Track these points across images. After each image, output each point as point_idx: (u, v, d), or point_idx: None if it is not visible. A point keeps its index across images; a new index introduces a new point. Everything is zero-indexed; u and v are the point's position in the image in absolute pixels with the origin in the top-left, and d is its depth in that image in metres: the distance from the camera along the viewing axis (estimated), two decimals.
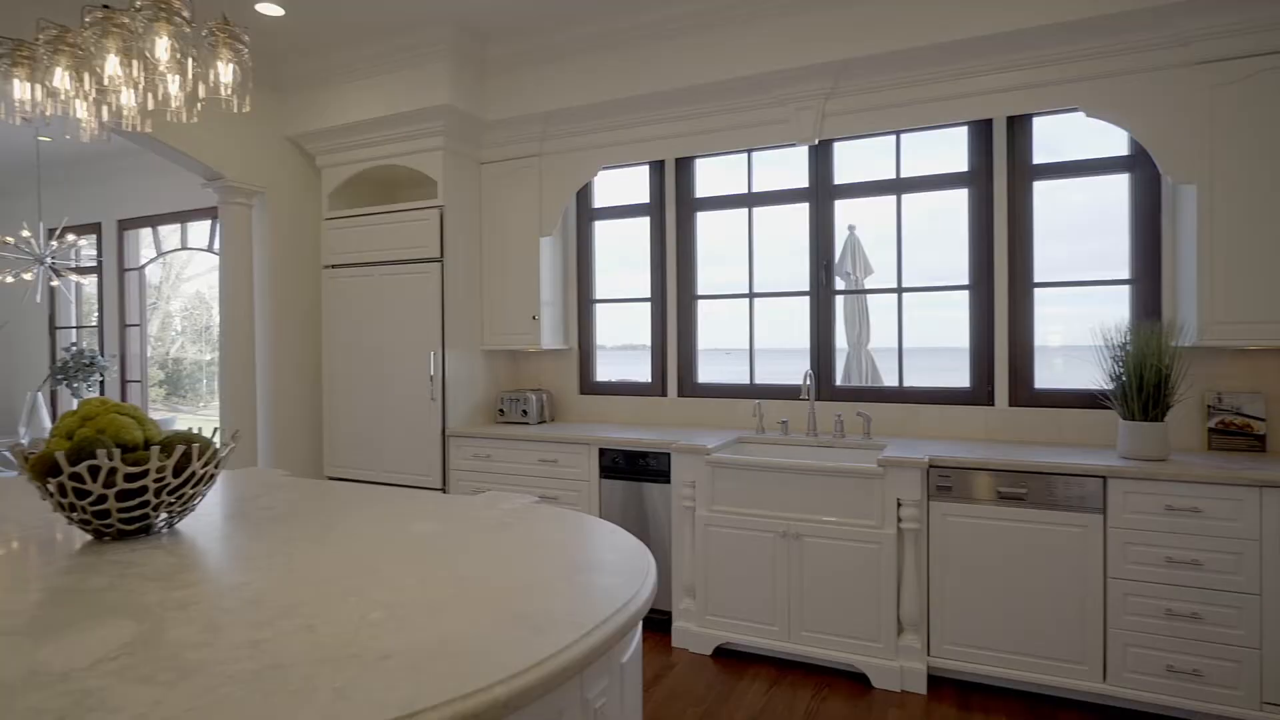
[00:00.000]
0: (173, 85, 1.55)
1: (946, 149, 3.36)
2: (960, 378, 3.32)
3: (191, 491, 1.61)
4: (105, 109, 1.65)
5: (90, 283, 6.65)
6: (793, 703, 2.64)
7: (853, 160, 3.57)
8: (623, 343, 4.22)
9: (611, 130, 3.75)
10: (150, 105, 1.58)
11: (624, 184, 4.12)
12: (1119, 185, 3.05)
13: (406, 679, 0.90)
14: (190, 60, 1.50)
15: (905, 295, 3.45)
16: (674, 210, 3.90)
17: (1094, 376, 2.87)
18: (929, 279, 3.41)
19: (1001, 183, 3.19)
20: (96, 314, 6.72)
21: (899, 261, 3.44)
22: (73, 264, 5.56)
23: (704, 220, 3.90)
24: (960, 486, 2.69)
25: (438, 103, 3.65)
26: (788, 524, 2.86)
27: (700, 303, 3.90)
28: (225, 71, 1.56)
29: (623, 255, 4.16)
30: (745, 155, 3.77)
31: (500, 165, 4.02)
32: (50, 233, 5.65)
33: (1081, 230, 3.14)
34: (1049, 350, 3.21)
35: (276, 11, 3.39)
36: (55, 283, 5.32)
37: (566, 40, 3.66)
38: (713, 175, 3.89)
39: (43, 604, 1.18)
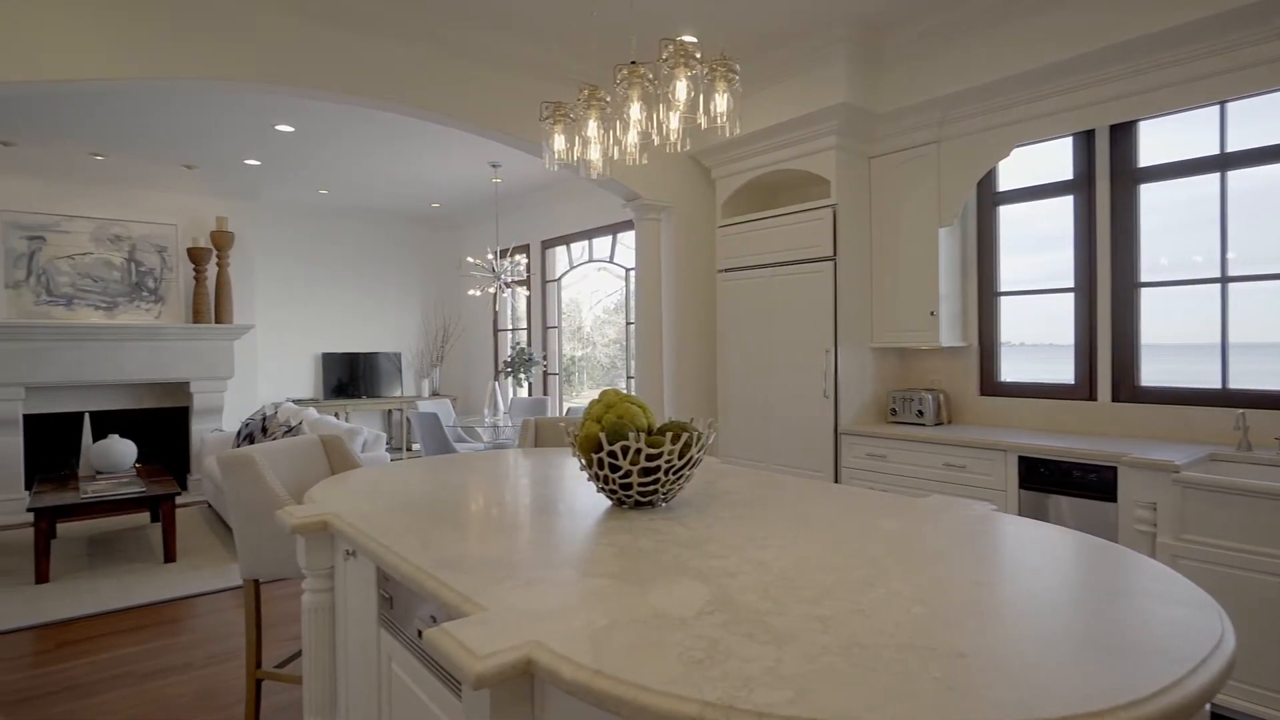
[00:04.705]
0: (674, 120, 1.82)
1: None
2: None
3: (688, 473, 1.85)
4: (616, 149, 2.01)
5: (523, 293, 8.19)
6: None
7: None
8: (1029, 339, 3.78)
9: (1025, 104, 3.38)
10: (655, 141, 1.88)
11: (1033, 162, 3.68)
12: None
13: (999, 681, 0.90)
14: (700, 96, 1.74)
15: None
16: (1108, 184, 3.36)
17: None
18: None
19: None
20: (525, 318, 8.27)
21: None
22: (512, 279, 6.90)
23: (1148, 193, 3.29)
24: None
25: (833, 102, 3.68)
26: None
27: (1143, 291, 3.30)
28: (721, 101, 1.78)
29: (1028, 241, 3.73)
30: (1214, 110, 3.08)
31: (891, 157, 3.91)
32: (500, 254, 7.09)
33: None
34: None
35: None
36: (505, 294, 6.66)
37: (965, 16, 3.40)
38: (1159, 139, 3.26)
39: (618, 558, 1.44)
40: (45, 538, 4.16)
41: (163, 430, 6.84)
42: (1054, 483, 3.00)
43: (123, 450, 5.28)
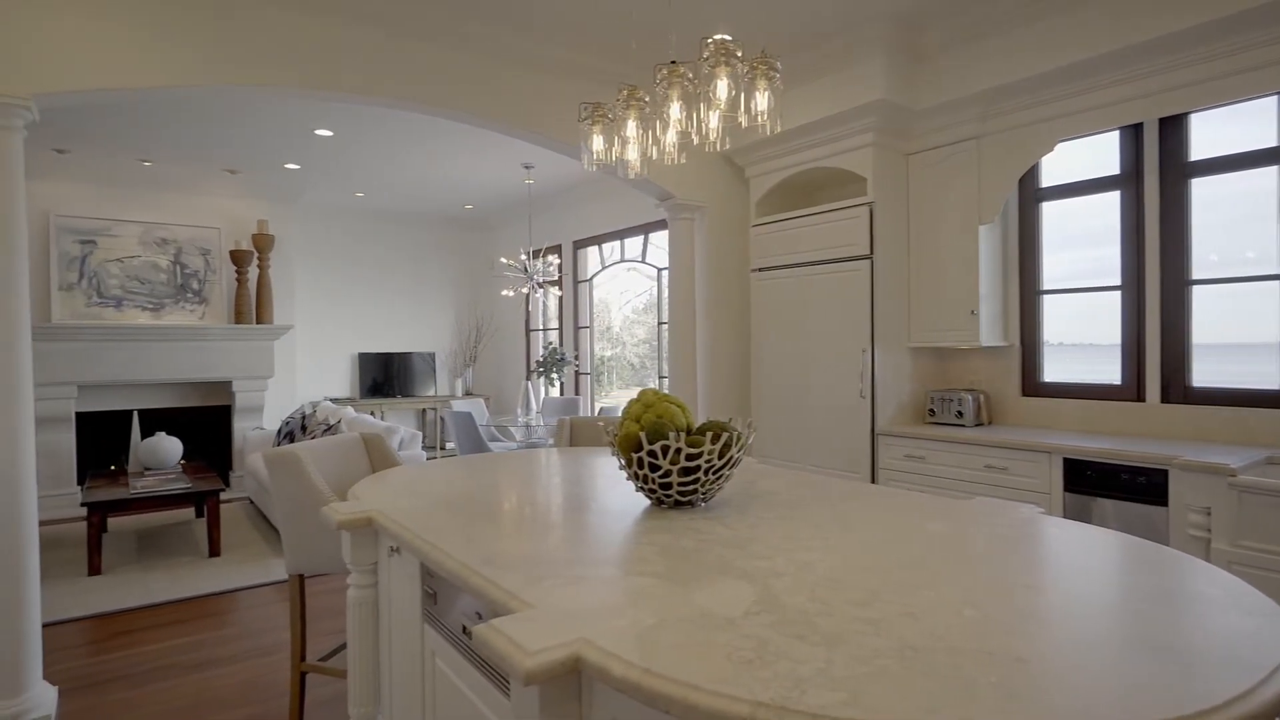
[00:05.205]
0: (713, 119, 1.82)
1: None
2: None
3: (728, 473, 1.85)
4: (654, 149, 2.02)
5: (555, 293, 8.24)
6: None
7: None
8: (1072, 338, 3.69)
9: (1070, 98, 3.30)
10: (695, 140, 1.88)
11: (1078, 157, 3.59)
12: None
13: (1059, 687, 0.87)
14: (742, 95, 1.74)
15: None
16: (1157, 179, 3.26)
17: None
18: None
19: None
20: (557, 318, 8.32)
21: None
22: (544, 279, 6.93)
23: (1199, 187, 3.18)
24: None
25: (870, 99, 3.63)
26: None
27: (1194, 288, 3.20)
28: (762, 100, 1.77)
29: (1071, 238, 3.64)
30: (1271, 100, 2.97)
31: (930, 154, 3.84)
32: (532, 254, 7.15)
33: None
34: None
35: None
36: (537, 294, 6.70)
37: (1007, 8, 3.33)
38: (1211, 132, 3.16)
39: (661, 557, 1.44)
40: (98, 532, 4.30)
41: (206, 428, 7.02)
42: (1100, 486, 2.92)
43: (169, 448, 5.44)
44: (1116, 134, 3.40)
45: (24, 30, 2.58)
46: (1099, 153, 3.50)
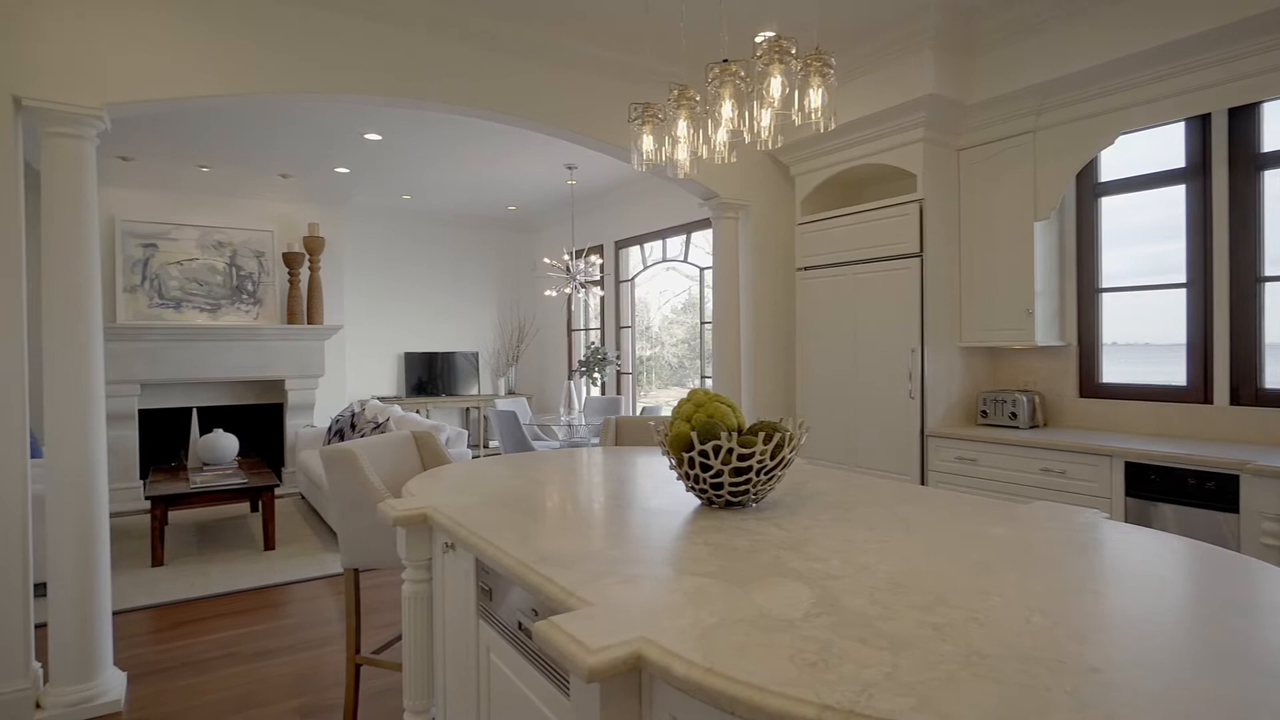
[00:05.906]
0: (765, 117, 1.81)
1: None
2: None
3: (780, 474, 1.83)
4: (704, 148, 2.02)
5: (598, 293, 8.28)
6: None
7: None
8: (1127, 338, 3.56)
9: (1132, 89, 3.19)
10: (746, 139, 1.87)
11: (1139, 150, 3.46)
12: None
13: (1139, 699, 0.84)
14: (796, 92, 1.73)
15: None
16: (1225, 171, 3.13)
17: None
18: None
19: None
20: (599, 318, 8.36)
21: None
22: (586, 279, 6.97)
23: (1273, 180, 3.04)
24: None
25: (921, 94, 3.56)
26: None
27: (1267, 285, 3.06)
28: (816, 97, 1.76)
29: (1131, 234, 3.51)
30: None
31: (982, 149, 3.75)
32: (575, 254, 7.20)
33: None
34: None
35: (768, 34, 3.71)
36: (579, 294, 6.75)
37: None
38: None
39: (714, 557, 1.44)
40: (160, 524, 4.47)
41: (260, 425, 7.25)
42: (1164, 491, 2.82)
43: (226, 444, 5.62)
44: (1181, 125, 3.27)
45: (96, 42, 2.70)
46: (1161, 145, 3.38)
